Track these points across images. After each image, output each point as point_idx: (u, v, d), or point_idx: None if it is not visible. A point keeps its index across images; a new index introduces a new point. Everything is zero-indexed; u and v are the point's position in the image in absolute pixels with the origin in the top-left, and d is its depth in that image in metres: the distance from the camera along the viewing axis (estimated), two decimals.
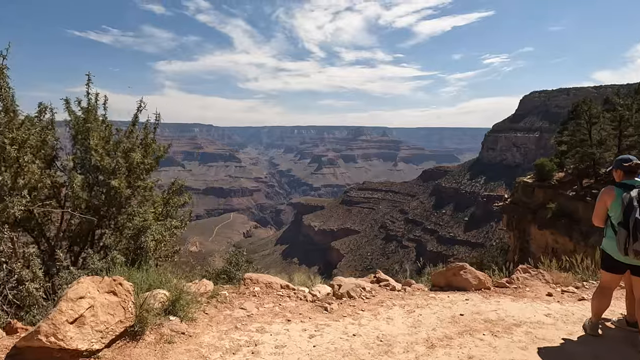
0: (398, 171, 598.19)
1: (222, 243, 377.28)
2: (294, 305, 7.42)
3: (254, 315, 6.66)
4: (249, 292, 7.71)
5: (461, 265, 8.95)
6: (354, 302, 7.73)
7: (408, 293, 8.56)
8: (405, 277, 11.33)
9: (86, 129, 8.06)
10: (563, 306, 7.78)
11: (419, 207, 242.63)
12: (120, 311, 4.80)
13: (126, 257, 7.48)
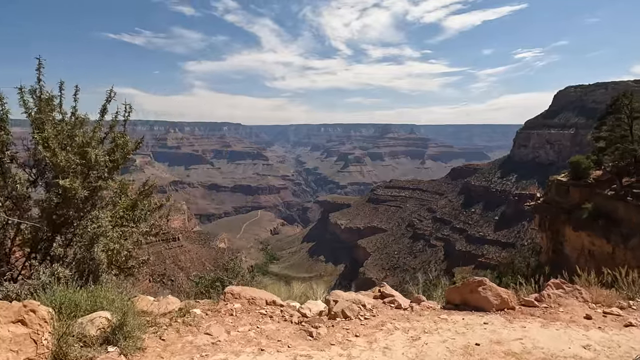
0: (426, 169, 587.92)
1: (249, 240, 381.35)
2: (274, 328, 6.28)
3: (220, 343, 5.54)
4: (226, 310, 6.69)
5: (479, 280, 7.54)
6: (349, 324, 6.49)
7: (415, 313, 7.27)
8: (418, 290, 10.03)
9: (39, 121, 7.11)
10: (605, 334, 6.28)
11: (448, 205, 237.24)
12: (30, 346, 3.73)
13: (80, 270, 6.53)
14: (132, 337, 4.88)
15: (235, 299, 7.29)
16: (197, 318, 6.29)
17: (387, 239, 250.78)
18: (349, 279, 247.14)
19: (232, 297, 7.32)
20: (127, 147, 7.91)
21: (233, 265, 13.34)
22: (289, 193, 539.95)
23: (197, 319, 6.24)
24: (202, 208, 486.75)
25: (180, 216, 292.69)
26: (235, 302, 7.16)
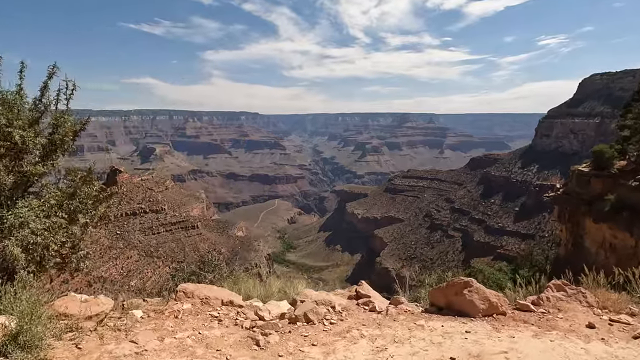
0: (444, 159, 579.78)
1: (267, 228, 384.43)
2: (219, 334, 5.48)
3: (145, 354, 4.74)
4: (171, 312, 5.97)
5: (465, 281, 6.61)
6: (309, 330, 5.68)
7: (390, 317, 6.43)
8: (404, 290, 9.24)
9: None
10: (609, 347, 5.23)
11: (466, 196, 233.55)
12: None
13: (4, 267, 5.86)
14: (33, 346, 4.13)
15: (188, 299, 6.65)
16: (131, 322, 5.60)
17: (404, 229, 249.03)
18: (366, 268, 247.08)
19: (184, 297, 6.69)
20: (65, 127, 7.10)
21: (210, 258, 12.67)
22: (306, 182, 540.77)
23: (130, 323, 5.54)
24: (221, 197, 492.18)
25: (199, 204, 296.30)
26: (185, 302, 6.53)
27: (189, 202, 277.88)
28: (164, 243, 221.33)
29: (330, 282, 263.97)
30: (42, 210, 6.43)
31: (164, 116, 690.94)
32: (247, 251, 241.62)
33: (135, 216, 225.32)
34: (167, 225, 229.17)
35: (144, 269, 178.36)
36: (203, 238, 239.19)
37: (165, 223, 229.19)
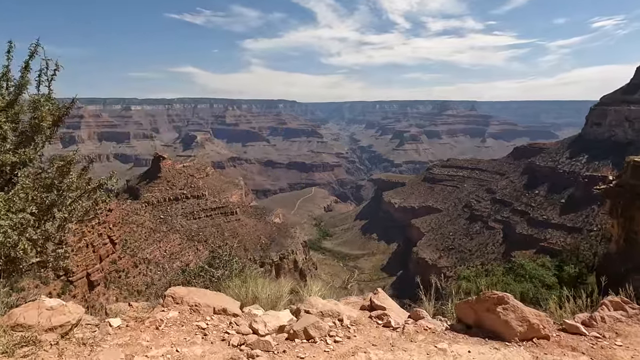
0: (486, 148, 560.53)
1: (303, 216, 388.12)
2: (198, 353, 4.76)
3: None
4: (152, 322, 5.35)
5: (499, 296, 5.60)
6: (307, 351, 4.94)
7: (406, 336, 5.50)
8: (429, 299, 8.06)
9: None
10: None
11: (509, 186, 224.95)
12: None
13: None
14: None
15: (176, 305, 6.08)
16: (103, 334, 5.09)
17: (442, 219, 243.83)
18: (402, 258, 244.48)
19: (173, 302, 6.10)
20: (41, 111, 6.40)
21: (221, 253, 12.02)
22: (343, 171, 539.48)
23: (101, 336, 5.02)
24: (259, 184, 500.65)
25: (238, 191, 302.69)
26: (173, 309, 5.98)
27: (228, 189, 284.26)
28: (204, 228, 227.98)
29: (366, 271, 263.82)
30: (11, 204, 5.79)
31: (204, 104, 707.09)
32: (283, 237, 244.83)
33: (178, 201, 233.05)
34: (207, 210, 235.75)
35: (186, 252, 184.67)
36: (241, 224, 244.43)
37: (206, 208, 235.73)
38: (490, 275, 15.10)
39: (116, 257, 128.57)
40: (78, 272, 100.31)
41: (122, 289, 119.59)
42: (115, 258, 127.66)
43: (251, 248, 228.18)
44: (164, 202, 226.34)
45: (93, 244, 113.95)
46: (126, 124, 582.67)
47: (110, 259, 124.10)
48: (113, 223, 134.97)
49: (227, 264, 11.59)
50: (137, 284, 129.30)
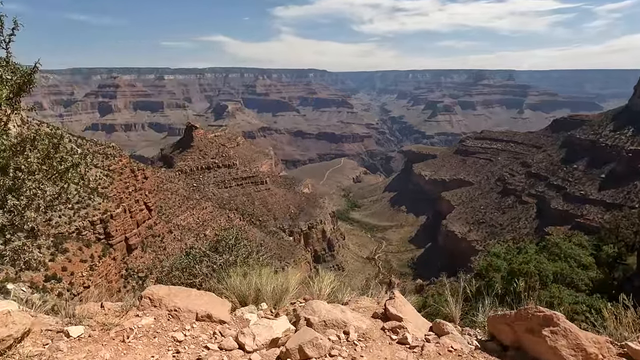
0: (523, 120, 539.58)
1: (332, 186, 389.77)
2: None
3: None
4: (119, 332, 4.91)
5: (547, 316, 4.68)
6: None
7: (425, 358, 4.74)
8: (457, 302, 6.69)
9: None
10: None
11: (545, 160, 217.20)
12: None
13: None
14: None
15: (154, 308, 5.39)
16: (52, 350, 4.49)
17: (473, 192, 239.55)
18: (431, 231, 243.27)
19: (150, 305, 5.41)
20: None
21: (226, 236, 11.07)
22: (373, 142, 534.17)
23: (49, 353, 4.44)
24: (288, 154, 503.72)
25: (268, 161, 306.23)
26: (148, 314, 5.31)
27: (259, 159, 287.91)
28: (235, 196, 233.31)
29: (393, 242, 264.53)
30: None
31: (235, 74, 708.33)
32: (312, 207, 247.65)
33: (210, 170, 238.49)
34: (238, 179, 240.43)
35: (218, 220, 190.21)
36: (271, 193, 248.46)
37: (237, 177, 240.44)
38: (522, 253, 14.80)
39: (152, 222, 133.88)
40: (117, 236, 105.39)
41: (158, 253, 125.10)
42: (151, 224, 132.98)
43: (280, 217, 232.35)
44: (196, 171, 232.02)
45: (130, 210, 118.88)
46: (159, 93, 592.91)
47: (146, 225, 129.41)
48: (149, 190, 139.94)
49: (232, 249, 10.75)
50: (172, 249, 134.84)
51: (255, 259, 10.91)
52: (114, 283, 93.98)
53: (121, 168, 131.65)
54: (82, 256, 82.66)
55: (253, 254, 11.02)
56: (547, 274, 11.71)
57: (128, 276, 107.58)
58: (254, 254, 11.09)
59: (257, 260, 10.90)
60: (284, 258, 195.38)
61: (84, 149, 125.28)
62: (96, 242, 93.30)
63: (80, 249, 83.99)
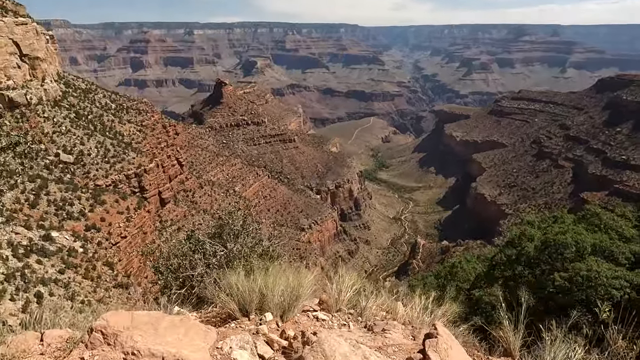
0: (566, 79, 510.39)
1: (360, 146, 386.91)
2: None
3: None
4: None
5: None
6: None
7: None
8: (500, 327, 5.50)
9: None
10: None
11: (586, 122, 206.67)
12: None
13: None
14: None
15: (106, 347, 4.10)
16: None
17: (506, 155, 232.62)
18: (460, 193, 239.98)
19: (102, 342, 4.13)
20: None
21: (229, 219, 9.64)
22: (404, 101, 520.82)
23: None
24: (317, 112, 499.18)
25: (297, 119, 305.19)
26: (96, 357, 4.07)
27: (287, 116, 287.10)
28: (263, 154, 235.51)
29: (421, 203, 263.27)
30: None
31: (264, 29, 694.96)
32: (340, 167, 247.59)
33: (239, 127, 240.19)
34: (266, 137, 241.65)
35: (247, 176, 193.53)
36: (299, 151, 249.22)
37: (265, 135, 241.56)
38: (558, 222, 14.21)
39: (184, 177, 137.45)
40: (151, 190, 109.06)
41: (189, 207, 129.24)
42: (182, 179, 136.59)
43: (308, 175, 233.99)
44: (226, 128, 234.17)
45: (163, 165, 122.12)
46: (189, 49, 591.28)
47: (178, 179, 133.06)
48: (180, 146, 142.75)
49: (238, 236, 9.36)
50: (203, 203, 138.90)
51: (265, 248, 9.59)
52: (149, 234, 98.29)
53: (153, 124, 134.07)
54: (118, 208, 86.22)
55: (262, 242, 9.64)
56: (584, 245, 11.24)
57: (162, 228, 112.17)
58: (264, 243, 9.71)
59: (266, 251, 9.57)
60: (311, 216, 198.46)
61: (117, 104, 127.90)
62: (131, 195, 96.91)
63: (117, 201, 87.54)
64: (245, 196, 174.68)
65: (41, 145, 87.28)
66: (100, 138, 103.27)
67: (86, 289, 59.43)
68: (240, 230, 9.37)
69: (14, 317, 48.11)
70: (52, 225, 69.20)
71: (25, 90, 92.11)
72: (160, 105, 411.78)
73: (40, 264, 57.76)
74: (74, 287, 57.36)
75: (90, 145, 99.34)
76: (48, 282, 54.86)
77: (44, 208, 72.55)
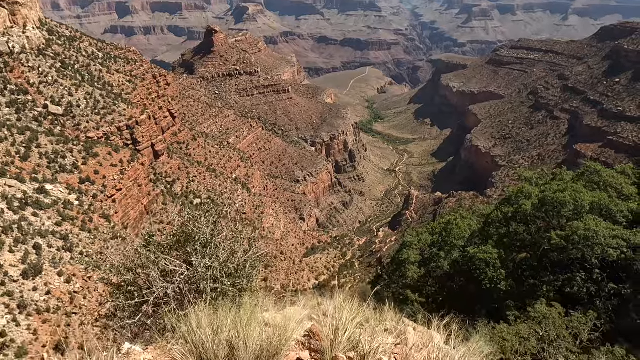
0: (567, 27, 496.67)
1: (356, 97, 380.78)
2: None
3: None
4: None
5: None
6: None
7: None
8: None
9: None
10: None
11: (585, 72, 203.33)
12: None
13: None
14: None
15: None
16: None
17: (502, 106, 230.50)
18: (454, 145, 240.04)
19: None
20: None
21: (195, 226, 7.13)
22: (400, 50, 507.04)
23: None
24: (311, 61, 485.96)
25: (290, 69, 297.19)
26: None
27: (281, 66, 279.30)
28: (257, 105, 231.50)
29: (415, 155, 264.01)
30: None
31: None
32: (334, 118, 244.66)
33: (231, 77, 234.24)
34: (259, 88, 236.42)
35: (241, 128, 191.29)
36: (293, 103, 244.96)
37: (258, 86, 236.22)
38: (557, 179, 14.09)
39: (176, 129, 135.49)
40: (144, 142, 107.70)
41: (183, 159, 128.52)
42: (175, 131, 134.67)
43: (302, 127, 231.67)
44: (217, 78, 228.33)
45: (155, 117, 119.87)
46: None
47: (171, 132, 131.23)
48: (171, 97, 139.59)
49: (206, 248, 7.00)
50: (197, 156, 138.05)
51: (239, 263, 7.18)
52: (144, 187, 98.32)
53: (143, 74, 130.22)
54: (112, 161, 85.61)
55: (237, 256, 7.17)
56: (583, 204, 11.19)
57: (157, 180, 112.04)
58: (238, 256, 7.22)
59: (242, 265, 7.16)
60: (306, 168, 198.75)
61: (105, 53, 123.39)
62: (124, 148, 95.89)
63: (110, 154, 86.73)
64: (239, 148, 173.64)
65: (28, 96, 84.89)
66: (89, 89, 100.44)
67: (84, 241, 60.10)
68: (209, 240, 7.07)
69: (14, 267, 48.90)
70: (46, 178, 68.81)
71: (7, 37, 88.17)
72: (150, 54, 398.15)
73: (37, 216, 57.91)
74: (72, 239, 57.96)
75: (79, 96, 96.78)
76: (46, 234, 55.31)
77: (35, 161, 71.76)
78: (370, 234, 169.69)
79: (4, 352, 39.01)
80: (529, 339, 9.04)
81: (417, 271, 18.48)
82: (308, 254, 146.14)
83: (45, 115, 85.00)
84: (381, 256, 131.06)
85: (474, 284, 13.38)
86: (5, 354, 38.88)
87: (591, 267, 10.44)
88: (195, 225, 7.11)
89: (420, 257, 19.59)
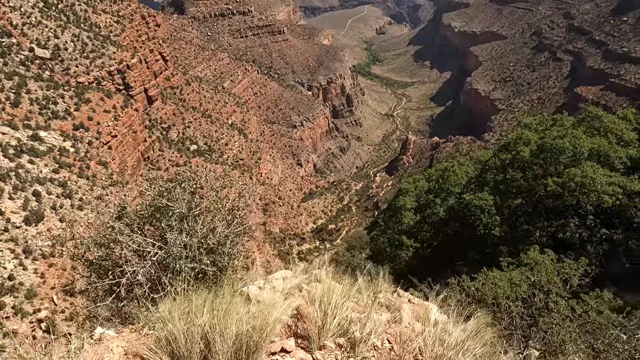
0: None
1: (354, 38, 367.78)
2: None
3: None
4: None
5: None
6: None
7: None
8: None
9: None
10: None
11: (592, 11, 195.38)
12: None
13: None
14: None
15: None
16: None
17: (505, 47, 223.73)
18: (454, 88, 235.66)
19: None
20: None
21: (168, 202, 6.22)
22: None
23: None
24: (307, 0, 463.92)
25: (286, 8, 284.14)
26: None
27: (275, 5, 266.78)
28: (251, 47, 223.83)
29: (414, 99, 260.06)
30: None
31: None
32: (332, 61, 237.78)
33: (224, 17, 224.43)
34: (253, 28, 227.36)
35: (235, 72, 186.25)
36: (289, 44, 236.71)
37: (252, 26, 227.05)
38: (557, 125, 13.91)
39: (169, 74, 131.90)
40: (136, 87, 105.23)
41: (178, 105, 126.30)
42: (168, 75, 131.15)
43: (299, 71, 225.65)
44: (210, 18, 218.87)
45: (146, 60, 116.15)
46: None
47: (164, 76, 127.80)
48: (162, 39, 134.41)
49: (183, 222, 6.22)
50: (192, 101, 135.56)
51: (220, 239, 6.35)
52: (139, 133, 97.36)
53: (131, 14, 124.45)
54: (105, 107, 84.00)
55: (218, 229, 6.33)
56: (581, 150, 11.11)
57: (152, 127, 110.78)
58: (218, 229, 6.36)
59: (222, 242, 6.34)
60: (302, 113, 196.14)
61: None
62: (117, 93, 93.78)
63: (102, 100, 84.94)
64: (234, 93, 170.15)
65: (12, 39, 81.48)
66: (75, 30, 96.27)
67: (83, 188, 60.44)
68: (186, 213, 6.23)
69: (16, 214, 49.54)
70: (39, 124, 67.79)
71: None
72: None
73: (33, 163, 57.78)
74: (70, 185, 58.23)
75: (65, 38, 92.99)
76: (44, 182, 55.48)
77: (27, 107, 70.32)
78: (367, 179, 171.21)
79: (15, 294, 40.52)
80: (521, 284, 9.46)
81: (412, 217, 18.78)
82: (306, 198, 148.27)
83: (32, 59, 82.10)
84: (378, 200, 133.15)
85: (469, 230, 13.65)
86: (15, 295, 40.42)
87: (585, 214, 10.64)
88: (169, 199, 6.28)
89: (416, 204, 19.83)
